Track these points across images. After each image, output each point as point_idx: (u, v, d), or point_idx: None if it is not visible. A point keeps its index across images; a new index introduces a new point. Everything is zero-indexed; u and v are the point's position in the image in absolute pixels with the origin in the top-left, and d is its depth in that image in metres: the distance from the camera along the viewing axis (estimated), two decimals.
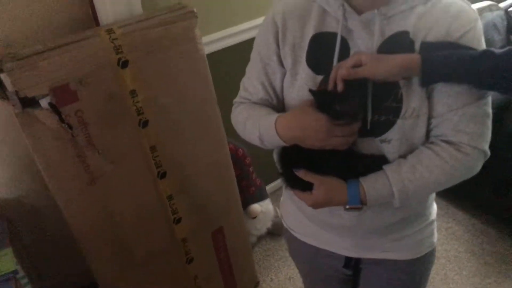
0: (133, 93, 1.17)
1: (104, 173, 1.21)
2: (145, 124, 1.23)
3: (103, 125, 1.15)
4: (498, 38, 2.15)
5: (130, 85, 1.16)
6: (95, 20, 1.24)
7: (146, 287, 1.48)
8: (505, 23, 2.21)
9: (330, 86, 0.77)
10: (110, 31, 1.09)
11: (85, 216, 1.23)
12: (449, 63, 0.70)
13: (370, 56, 0.73)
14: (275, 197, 2.39)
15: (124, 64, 1.12)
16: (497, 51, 0.69)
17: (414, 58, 0.71)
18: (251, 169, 1.95)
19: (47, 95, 1.03)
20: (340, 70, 0.74)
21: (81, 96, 1.08)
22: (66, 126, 1.08)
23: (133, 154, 1.25)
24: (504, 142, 0.79)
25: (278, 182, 2.46)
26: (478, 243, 2.00)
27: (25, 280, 1.23)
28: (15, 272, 1.12)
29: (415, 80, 0.75)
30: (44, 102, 1.04)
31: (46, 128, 1.06)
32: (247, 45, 1.79)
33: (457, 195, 2.12)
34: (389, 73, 0.72)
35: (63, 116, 1.07)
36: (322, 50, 0.80)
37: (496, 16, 2.17)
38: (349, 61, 0.74)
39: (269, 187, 2.38)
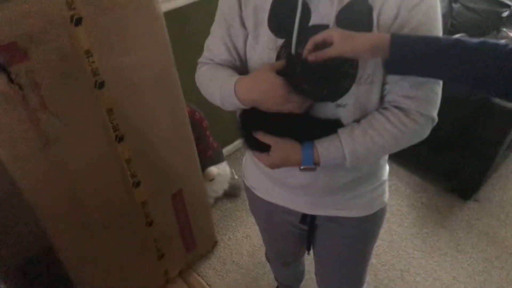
0: (88, 52, 1.11)
1: (58, 137, 1.16)
2: (101, 85, 1.18)
3: (56, 87, 1.09)
4: (441, 4, 2.26)
5: (84, 44, 1.10)
6: None
7: (105, 250, 1.48)
8: None
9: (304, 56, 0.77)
10: None
11: (39, 182, 1.18)
12: (417, 43, 0.70)
13: (341, 34, 0.72)
14: (232, 159, 2.43)
15: (78, 21, 1.06)
16: (469, 41, 0.68)
17: (384, 36, 0.71)
18: (208, 133, 1.95)
19: None
20: (310, 56, 0.74)
21: (32, 55, 1.02)
22: (16, 86, 1.02)
23: (89, 117, 1.21)
24: (440, 105, 0.85)
25: (234, 145, 2.50)
26: (418, 197, 2.18)
27: None
28: None
29: None
30: None
31: None
32: (206, 3, 1.76)
33: (400, 154, 2.27)
34: (358, 52, 0.72)
35: (12, 76, 1.00)
36: (284, 13, 0.80)
37: None
38: (320, 36, 0.74)
39: (225, 150, 2.41)
